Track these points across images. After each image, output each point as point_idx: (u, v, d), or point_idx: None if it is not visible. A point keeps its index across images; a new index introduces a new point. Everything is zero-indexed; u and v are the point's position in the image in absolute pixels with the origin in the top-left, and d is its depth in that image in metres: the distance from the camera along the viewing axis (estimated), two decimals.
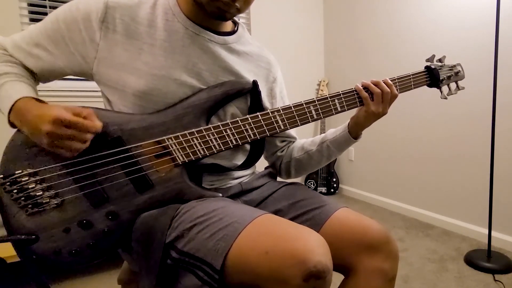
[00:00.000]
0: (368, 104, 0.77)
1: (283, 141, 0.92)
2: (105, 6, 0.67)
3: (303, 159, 0.88)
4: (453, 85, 0.93)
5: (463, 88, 0.92)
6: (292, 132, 0.92)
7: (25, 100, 0.63)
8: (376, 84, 0.77)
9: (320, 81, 3.00)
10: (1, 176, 0.63)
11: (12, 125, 0.65)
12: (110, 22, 0.67)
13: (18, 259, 1.18)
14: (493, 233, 1.83)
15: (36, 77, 0.74)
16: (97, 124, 0.62)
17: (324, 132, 3.23)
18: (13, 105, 0.62)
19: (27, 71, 0.72)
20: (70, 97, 1.99)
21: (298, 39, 2.93)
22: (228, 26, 0.78)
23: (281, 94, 0.89)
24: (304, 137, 0.94)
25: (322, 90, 2.95)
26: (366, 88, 0.77)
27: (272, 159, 0.94)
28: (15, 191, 0.63)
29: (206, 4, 0.67)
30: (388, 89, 0.77)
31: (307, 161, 0.89)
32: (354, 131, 0.83)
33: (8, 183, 0.63)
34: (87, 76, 0.72)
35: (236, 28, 0.80)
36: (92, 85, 2.04)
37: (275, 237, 0.53)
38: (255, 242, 0.53)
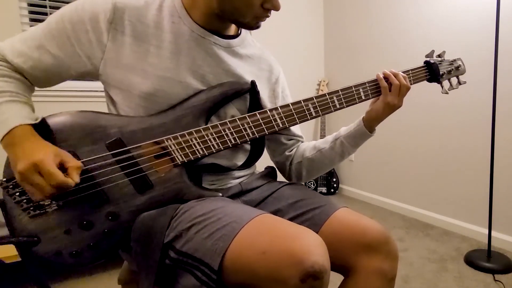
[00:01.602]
0: (386, 94, 0.79)
1: (290, 140, 0.90)
2: (113, 7, 0.66)
3: (315, 158, 0.87)
4: (454, 80, 0.92)
5: (464, 82, 0.90)
6: (297, 131, 0.91)
7: (22, 130, 0.61)
8: (395, 75, 0.79)
9: (320, 81, 3.00)
10: (4, 179, 0.63)
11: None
12: (119, 24, 0.67)
13: (16, 260, 1.19)
14: (493, 233, 1.83)
15: (35, 83, 0.71)
16: (71, 183, 0.58)
17: (324, 133, 3.18)
18: (8, 132, 0.60)
19: (24, 84, 0.68)
20: (70, 97, 1.99)
21: (298, 39, 2.93)
22: (232, 29, 0.78)
23: (283, 93, 0.88)
24: (304, 139, 0.94)
25: (322, 90, 2.95)
26: (386, 78, 0.79)
27: (281, 159, 0.91)
28: (17, 194, 0.63)
29: (250, 22, 0.69)
30: (405, 82, 0.79)
31: (319, 160, 0.87)
32: (369, 125, 0.82)
33: (10, 186, 0.63)
34: (92, 76, 0.71)
35: (239, 31, 0.80)
36: (92, 85, 2.05)
37: (273, 237, 0.53)
38: (252, 242, 0.53)
